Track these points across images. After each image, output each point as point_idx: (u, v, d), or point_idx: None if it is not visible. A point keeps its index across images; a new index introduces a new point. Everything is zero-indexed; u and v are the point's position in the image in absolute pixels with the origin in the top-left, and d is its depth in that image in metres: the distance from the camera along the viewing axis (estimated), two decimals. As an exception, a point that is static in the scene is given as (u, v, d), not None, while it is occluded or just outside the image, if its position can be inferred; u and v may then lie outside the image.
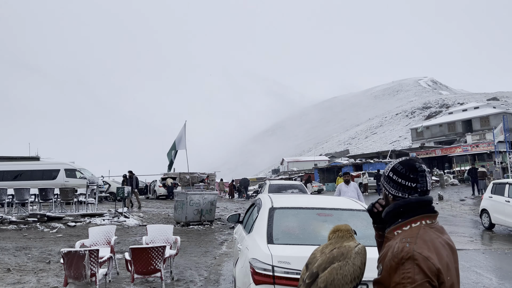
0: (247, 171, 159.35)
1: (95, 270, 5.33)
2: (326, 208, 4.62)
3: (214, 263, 8.27)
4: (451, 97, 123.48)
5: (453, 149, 45.25)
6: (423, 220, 1.67)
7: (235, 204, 24.41)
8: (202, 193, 13.48)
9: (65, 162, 19.66)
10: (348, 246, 1.91)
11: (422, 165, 1.79)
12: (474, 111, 67.02)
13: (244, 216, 6.06)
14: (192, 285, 6.59)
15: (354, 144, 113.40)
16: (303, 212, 4.53)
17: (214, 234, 12.00)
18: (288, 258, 3.58)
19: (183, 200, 12.97)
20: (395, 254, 1.57)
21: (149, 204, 21.59)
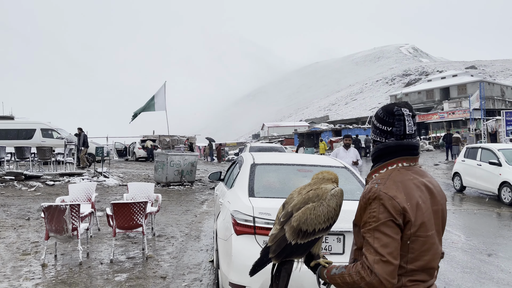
0: (227, 135, 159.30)
1: (77, 225, 5.36)
2: (306, 164, 4.72)
3: (195, 221, 8.42)
4: (431, 65, 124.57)
5: (430, 116, 46.21)
6: (399, 163, 1.67)
7: (215, 166, 24.56)
8: (182, 154, 13.48)
9: (42, 122, 19.15)
10: (324, 188, 1.92)
11: (401, 109, 1.71)
12: (452, 79, 67.93)
13: (225, 173, 6.14)
14: (174, 240, 6.72)
15: (334, 110, 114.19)
16: (283, 168, 4.62)
17: (194, 194, 12.13)
18: (269, 209, 3.68)
19: (164, 161, 12.97)
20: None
21: (128, 165, 21.49)
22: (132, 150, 26.56)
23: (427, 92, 68.18)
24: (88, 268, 5.21)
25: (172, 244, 6.48)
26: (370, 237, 1.53)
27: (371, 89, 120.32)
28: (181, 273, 5.10)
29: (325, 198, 1.88)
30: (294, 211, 1.89)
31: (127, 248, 6.21)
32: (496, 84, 63.25)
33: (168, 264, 5.46)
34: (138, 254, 5.89)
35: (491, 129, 30.86)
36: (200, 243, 6.63)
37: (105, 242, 6.52)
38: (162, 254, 5.92)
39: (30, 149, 13.02)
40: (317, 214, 1.85)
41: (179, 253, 5.99)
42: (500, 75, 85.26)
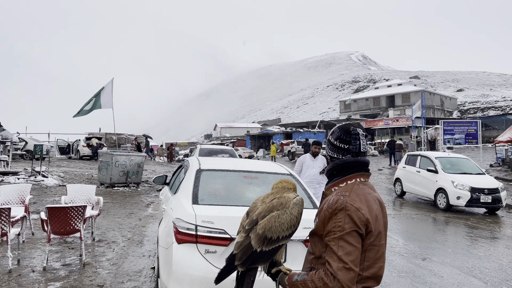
0: (179, 134, 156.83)
1: (6, 230, 4.98)
2: (252, 171, 4.70)
3: (138, 224, 8.15)
4: (378, 73, 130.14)
5: (376, 122, 48.20)
6: (357, 178, 1.82)
7: (164, 167, 24.04)
8: (129, 155, 13.03)
9: (-26, 115, 17.79)
10: (287, 197, 2.02)
11: (356, 129, 1.88)
12: (397, 88, 71.46)
13: (171, 178, 5.99)
14: (114, 246, 6.45)
15: (286, 113, 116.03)
16: (229, 174, 4.57)
17: (140, 196, 11.77)
18: (212, 217, 3.61)
19: (108, 161, 12.47)
20: (330, 205, 1.71)
21: (71, 164, 20.47)
22: (76, 147, 25.31)
23: (374, 99, 71.14)
24: (18, 277, 4.86)
25: (112, 250, 6.22)
26: (334, 245, 1.64)
27: (322, 94, 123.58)
28: (120, 281, 4.90)
29: (288, 206, 1.97)
30: (259, 219, 1.95)
31: (63, 254, 5.88)
32: (436, 94, 67.31)
33: (107, 271, 5.22)
34: (75, 261, 5.58)
35: (430, 137, 32.74)
36: (142, 248, 6.42)
37: (38, 248, 6.13)
38: (101, 260, 5.66)
39: (-41, 145, 12.02)
40: (281, 222, 1.92)
41: (119, 259, 5.76)
42: (440, 86, 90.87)
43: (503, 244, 7.57)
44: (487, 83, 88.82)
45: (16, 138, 18.10)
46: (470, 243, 7.61)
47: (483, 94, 75.95)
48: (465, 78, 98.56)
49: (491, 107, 63.90)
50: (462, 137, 20.29)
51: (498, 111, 60.02)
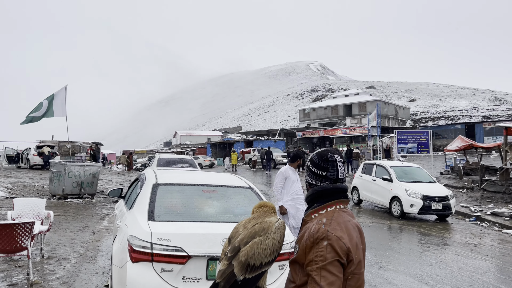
0: (138, 142, 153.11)
1: None
2: (211, 185, 4.64)
3: (92, 239, 7.82)
4: (336, 83, 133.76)
5: (334, 131, 49.40)
6: (337, 205, 1.83)
7: (121, 176, 23.33)
8: (83, 165, 12.52)
9: None
10: (269, 222, 2.00)
11: (334, 156, 1.91)
12: (355, 97, 73.75)
13: (127, 191, 5.79)
14: (65, 263, 6.14)
15: (247, 121, 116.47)
16: (187, 188, 4.48)
17: (95, 208, 11.32)
18: (169, 235, 3.52)
19: (61, 172, 11.91)
20: (311, 234, 1.70)
21: (20, 174, 19.40)
22: (26, 156, 24.02)
23: (332, 108, 72.95)
24: (-45, 301, 4.51)
25: (63, 267, 5.91)
26: (316, 275, 1.64)
27: (282, 102, 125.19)
28: (70, 301, 4.65)
29: (270, 231, 1.98)
30: (241, 246, 1.93)
31: (9, 273, 5.52)
32: (391, 104, 70.03)
33: (56, 291, 4.95)
34: (21, 280, 5.25)
35: (385, 145, 33.95)
36: (96, 265, 6.15)
37: (-19, 268, 5.71)
38: (50, 279, 5.36)
39: None
40: (264, 248, 1.93)
41: (70, 277, 5.48)
42: (395, 96, 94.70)
43: (453, 251, 7.92)
44: (437, 94, 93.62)
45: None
46: (423, 250, 7.90)
47: (433, 104, 79.95)
48: (417, 89, 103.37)
49: (441, 116, 67.30)
50: (415, 146, 21.18)
51: (448, 120, 63.32)
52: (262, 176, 25.39)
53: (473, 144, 19.50)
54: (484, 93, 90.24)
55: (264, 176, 25.35)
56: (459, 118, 63.17)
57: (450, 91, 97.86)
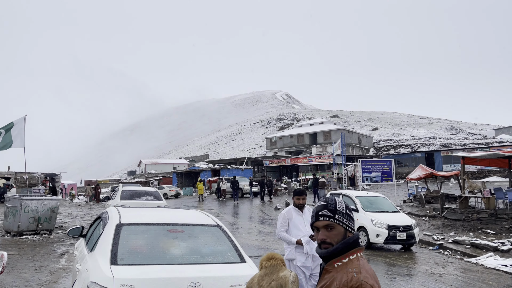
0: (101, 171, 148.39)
1: None
2: (177, 224, 4.51)
3: (49, 280, 7.35)
4: (302, 112, 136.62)
5: (301, 159, 49.99)
6: (358, 253, 1.86)
7: (81, 209, 22.39)
8: (41, 199, 11.92)
9: None
10: (284, 277, 2.00)
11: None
12: (319, 126, 75.41)
13: (88, 229, 5.54)
14: (19, 310, 5.71)
15: (214, 149, 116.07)
16: (153, 228, 4.33)
17: (53, 245, 10.72)
18: (133, 280, 3.37)
19: (17, 206, 11.28)
20: (345, 283, 1.72)
21: (-28, 208, 18.21)
22: (-21, 189, 22.64)
23: (298, 136, 74.13)
24: None
25: (16, 315, 5.49)
26: None
27: (249, 130, 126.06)
28: None
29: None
30: None
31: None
32: (354, 132, 72.05)
33: None
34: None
35: (350, 173, 34.64)
36: (52, 310, 5.75)
37: None
38: (0, 329, 4.95)
39: None
40: None
41: (23, 326, 5.08)
42: (358, 125, 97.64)
43: (418, 281, 8.02)
44: (398, 123, 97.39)
45: None
46: (389, 281, 7.95)
47: (394, 133, 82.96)
48: (379, 118, 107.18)
49: (402, 145, 69.80)
50: (379, 175, 21.72)
51: (408, 148, 65.69)
52: (230, 206, 25.13)
53: (433, 173, 20.24)
54: (441, 122, 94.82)
55: (232, 206, 25.09)
56: (419, 147, 65.71)
57: (410, 120, 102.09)
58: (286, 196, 30.94)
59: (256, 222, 17.37)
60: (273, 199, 28.07)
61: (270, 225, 16.44)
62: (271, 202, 26.59)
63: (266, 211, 21.77)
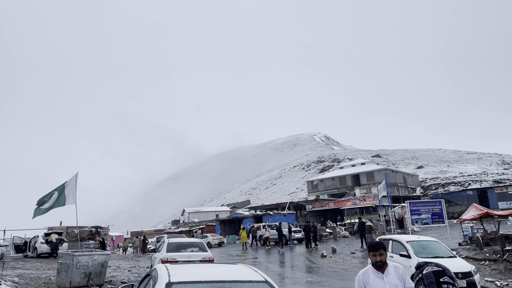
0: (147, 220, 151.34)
1: None
2: (225, 281, 4.49)
3: None
4: (342, 153, 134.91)
5: (344, 202, 48.73)
6: None
7: (129, 262, 22.70)
8: (91, 254, 12.26)
9: None
10: None
11: None
12: (361, 167, 73.83)
13: (138, 286, 5.60)
14: None
15: (255, 194, 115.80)
16: (201, 286, 4.33)
17: (103, 301, 10.86)
18: None
19: (69, 263, 11.64)
20: None
21: (27, 264, 18.95)
22: (34, 245, 23.66)
23: (340, 178, 72.76)
24: None
25: None
26: None
27: (289, 174, 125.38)
28: None
29: None
30: None
31: None
32: (399, 172, 69.86)
33: None
34: None
35: (398, 215, 33.24)
36: None
37: None
38: None
39: None
40: None
41: None
42: (401, 164, 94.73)
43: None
44: (444, 160, 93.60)
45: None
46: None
47: (441, 171, 79.56)
48: (423, 156, 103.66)
49: (451, 182, 66.60)
50: (429, 217, 20.68)
51: (458, 186, 62.54)
52: (275, 254, 24.60)
53: (489, 212, 19.05)
54: (491, 157, 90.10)
55: (277, 254, 24.55)
56: (469, 184, 62.43)
57: (456, 156, 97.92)
58: (331, 242, 29.97)
59: (302, 271, 16.85)
60: (318, 246, 27.25)
61: (318, 274, 15.88)
62: (316, 249, 25.81)
63: (312, 258, 21.11)
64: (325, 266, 17.95)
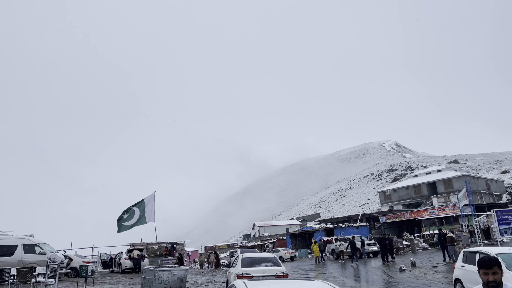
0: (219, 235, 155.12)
1: None
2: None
3: None
4: (415, 160, 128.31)
5: (421, 212, 46.11)
6: None
7: (205, 277, 23.36)
8: (171, 270, 12.84)
9: (24, 237, 18.44)
10: None
11: None
12: (438, 174, 69.54)
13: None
14: None
15: (325, 207, 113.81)
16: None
17: (184, 315, 11.28)
18: None
19: (151, 278, 12.30)
20: None
21: (114, 279, 20.28)
22: (118, 261, 25.33)
23: (414, 187, 69.13)
24: None
25: None
26: None
27: (359, 185, 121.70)
28: None
29: None
30: None
31: None
32: (480, 178, 64.78)
33: None
34: None
35: (483, 225, 30.69)
36: None
37: None
38: None
39: (10, 271, 12.31)
40: None
41: None
42: (483, 169, 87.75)
43: None
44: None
45: (62, 256, 18.43)
46: None
47: (531, 174, 72.43)
48: (507, 159, 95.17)
49: (543, 187, 60.34)
50: (520, 226, 18.88)
51: (552, 191, 56.43)
52: (349, 268, 23.89)
53: None
54: None
55: (351, 268, 23.82)
56: None
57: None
58: (409, 255, 28.43)
59: (380, 287, 16.15)
60: (395, 259, 25.99)
61: (397, 289, 15.12)
62: (393, 263, 24.63)
63: (390, 273, 20.16)
64: (405, 281, 17.04)
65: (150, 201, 15.37)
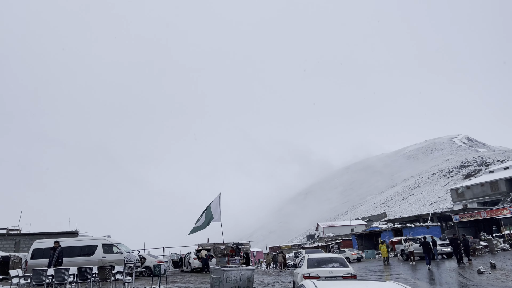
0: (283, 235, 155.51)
1: None
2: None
3: None
4: (490, 155, 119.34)
5: (500, 210, 42.73)
6: None
7: (271, 277, 23.53)
8: (238, 269, 13.10)
9: (103, 238, 19.88)
10: None
11: None
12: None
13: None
14: None
15: (391, 206, 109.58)
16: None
17: (253, 315, 11.45)
18: None
19: (220, 277, 12.64)
20: None
21: (184, 278, 21.13)
22: (188, 260, 26.34)
23: (491, 184, 64.37)
24: None
25: None
26: None
27: (428, 183, 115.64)
28: None
29: None
30: None
31: None
32: None
33: None
34: None
35: None
36: None
37: None
38: None
39: (92, 269, 13.32)
40: None
41: None
42: None
43: None
44: None
45: (136, 256, 19.56)
46: None
47: None
48: None
49: None
50: None
51: None
52: (421, 270, 22.80)
53: None
54: None
55: (423, 270, 22.70)
56: None
57: None
58: (488, 256, 26.50)
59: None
60: (472, 261, 24.34)
61: (476, 293, 14.16)
62: (470, 264, 23.10)
63: (467, 275, 18.93)
64: (484, 284, 15.90)
65: (215, 202, 15.86)
